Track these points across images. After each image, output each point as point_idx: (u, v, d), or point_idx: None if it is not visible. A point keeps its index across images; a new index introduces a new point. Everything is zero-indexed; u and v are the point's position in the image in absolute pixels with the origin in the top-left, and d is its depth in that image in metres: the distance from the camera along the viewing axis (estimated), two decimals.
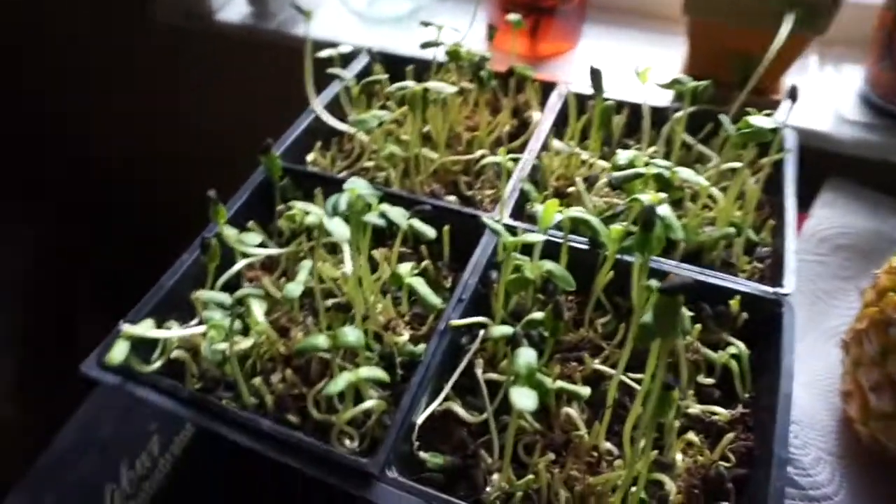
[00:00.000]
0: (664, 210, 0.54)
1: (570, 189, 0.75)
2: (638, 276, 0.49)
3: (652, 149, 0.80)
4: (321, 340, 0.51)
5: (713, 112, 0.81)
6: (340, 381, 0.48)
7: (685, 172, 0.62)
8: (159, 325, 0.62)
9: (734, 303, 0.62)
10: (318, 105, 0.83)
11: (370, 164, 0.79)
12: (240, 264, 0.68)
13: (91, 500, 0.66)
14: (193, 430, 0.73)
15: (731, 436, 0.54)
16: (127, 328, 0.56)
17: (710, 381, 0.60)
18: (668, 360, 0.60)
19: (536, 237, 0.55)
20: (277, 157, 0.74)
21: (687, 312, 0.60)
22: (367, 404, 0.55)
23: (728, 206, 0.69)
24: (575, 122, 0.80)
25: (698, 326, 0.60)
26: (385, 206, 0.58)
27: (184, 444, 0.71)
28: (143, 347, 0.62)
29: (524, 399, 0.44)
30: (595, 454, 0.56)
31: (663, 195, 0.58)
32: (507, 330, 0.56)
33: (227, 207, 0.73)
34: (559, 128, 0.83)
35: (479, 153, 0.77)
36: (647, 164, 0.62)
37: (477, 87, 0.81)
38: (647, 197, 0.58)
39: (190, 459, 0.70)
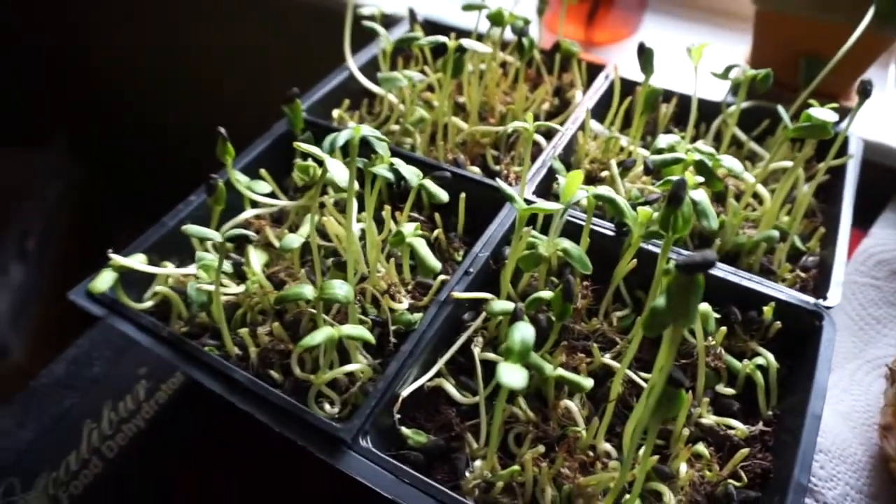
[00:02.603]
0: (699, 196, 0.49)
1: (604, 174, 0.70)
2: (661, 259, 0.44)
3: (699, 142, 0.74)
4: (306, 290, 0.48)
5: (770, 109, 0.75)
6: (319, 335, 0.45)
7: (730, 161, 0.56)
8: (157, 264, 0.60)
9: (768, 310, 0.55)
10: (352, 63, 0.80)
11: (396, 127, 0.76)
12: (247, 213, 0.65)
13: (69, 435, 0.64)
14: (182, 381, 0.71)
15: (745, 451, 0.48)
16: (115, 258, 0.54)
17: (730, 391, 0.54)
18: (685, 361, 0.54)
19: (554, 207, 0.50)
20: (302, 109, 0.72)
21: (713, 314, 0.54)
22: (350, 367, 0.51)
23: (774, 207, 0.63)
24: (618, 105, 0.74)
25: (724, 330, 0.54)
26: (398, 161, 0.54)
27: (170, 394, 0.69)
28: (137, 284, 0.61)
29: (512, 375, 0.40)
30: (591, 454, 0.51)
31: (701, 179, 0.53)
32: (508, 305, 0.51)
33: (242, 155, 0.71)
34: (602, 112, 0.77)
35: (511, 126, 0.72)
36: (688, 152, 0.57)
37: (518, 58, 0.76)
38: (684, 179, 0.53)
39: (174, 409, 0.68)
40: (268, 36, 1.41)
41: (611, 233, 0.62)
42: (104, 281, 0.53)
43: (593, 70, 0.83)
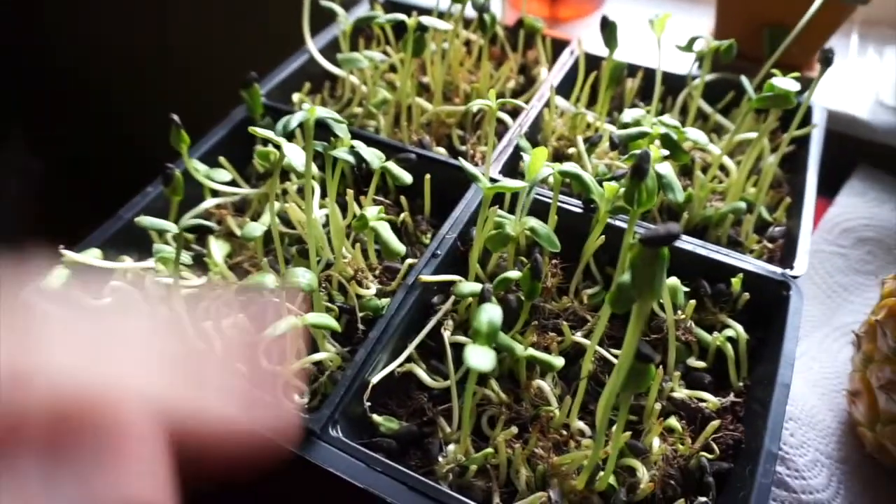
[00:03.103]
0: (665, 169, 0.49)
1: (571, 150, 0.69)
2: (627, 234, 0.43)
3: (665, 116, 0.73)
4: (268, 279, 0.46)
5: (735, 81, 0.74)
6: (283, 324, 0.43)
7: (695, 133, 0.56)
8: (115, 260, 0.58)
9: (736, 281, 0.56)
10: (312, 45, 0.78)
11: (360, 110, 0.74)
12: (207, 202, 0.63)
13: None
14: None
15: (716, 423, 0.48)
16: (67, 254, 0.52)
17: (701, 364, 0.54)
18: (656, 336, 0.54)
19: (518, 185, 0.49)
20: (261, 93, 0.70)
21: (682, 287, 0.54)
22: (317, 356, 0.50)
23: (741, 179, 0.63)
24: (583, 81, 0.74)
25: (693, 303, 0.54)
26: (359, 144, 0.53)
27: None
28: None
29: (480, 357, 0.39)
30: (565, 433, 0.50)
31: (666, 152, 0.52)
32: (475, 287, 0.51)
33: (201, 143, 0.68)
34: (568, 88, 0.76)
35: (474, 104, 0.71)
36: (654, 125, 0.56)
37: (481, 35, 0.75)
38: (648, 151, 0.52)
39: None
40: (225, 20, 1.37)
41: (579, 210, 0.61)
42: (56, 279, 0.51)
43: (558, 46, 0.82)
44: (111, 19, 1.55)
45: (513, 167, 0.67)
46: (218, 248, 0.58)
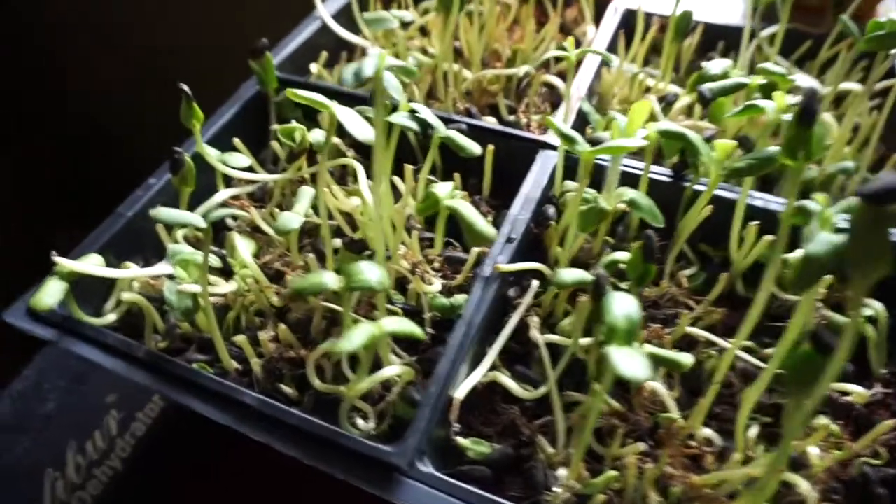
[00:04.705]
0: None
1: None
2: (789, 190, 0.35)
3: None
4: (328, 279, 0.36)
5: (807, 33, 0.66)
6: (358, 336, 0.34)
7: (805, 80, 0.48)
8: (116, 266, 0.48)
9: None
10: (324, 11, 0.68)
11: None
12: (223, 193, 0.53)
13: (27, 489, 0.51)
14: (163, 404, 0.58)
15: (890, 423, 0.40)
16: (62, 262, 0.41)
17: None
18: (778, 323, 0.46)
19: (628, 143, 0.40)
20: (274, 65, 0.60)
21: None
22: (390, 371, 0.40)
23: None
24: (640, 39, 0.65)
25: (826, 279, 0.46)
26: (420, 107, 0.43)
27: (150, 423, 0.57)
28: (93, 294, 0.48)
29: (633, 365, 0.30)
30: (693, 444, 0.41)
31: (792, 100, 0.44)
32: (581, 275, 0.41)
33: (207, 126, 0.58)
34: (615, 48, 0.68)
35: (523, 68, 0.62)
36: (753, 75, 0.48)
37: None
38: (771, 104, 0.44)
39: (157, 441, 0.56)
40: None
41: (666, 178, 0.52)
42: (51, 293, 0.40)
43: (599, 4, 0.73)
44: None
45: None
46: (245, 247, 0.48)
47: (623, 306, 0.33)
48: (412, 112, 0.42)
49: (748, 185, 0.46)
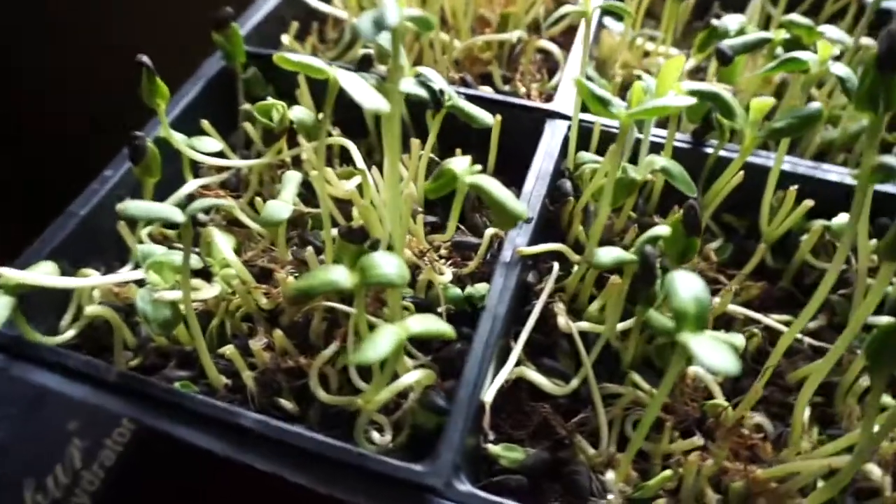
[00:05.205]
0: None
1: (639, 73, 0.56)
2: (868, 149, 0.30)
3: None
4: (339, 276, 0.30)
5: None
6: (383, 342, 0.28)
7: (835, 32, 0.44)
8: (67, 275, 0.40)
9: None
10: None
11: (367, 51, 0.58)
12: (192, 183, 0.46)
13: None
14: (133, 427, 0.52)
15: None
16: (6, 273, 0.34)
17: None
18: (842, 292, 0.42)
19: (670, 103, 0.35)
20: (241, 37, 0.53)
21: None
22: (410, 377, 0.35)
23: None
24: (637, 1, 0.60)
25: (873, 243, 0.42)
26: (427, 71, 0.38)
27: (120, 449, 0.50)
28: (46, 307, 0.41)
29: (718, 356, 0.26)
30: (746, 432, 0.38)
31: (836, 51, 0.40)
32: (620, 254, 0.37)
33: (168, 108, 0.51)
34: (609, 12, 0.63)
35: (515, 33, 0.56)
36: (778, 28, 0.44)
37: None
38: (812, 55, 0.40)
39: (130, 469, 0.49)
40: None
41: (686, 145, 0.48)
42: None
43: None
44: None
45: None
46: (225, 243, 0.41)
47: (690, 287, 0.29)
48: (418, 76, 0.36)
49: (784, 148, 0.42)
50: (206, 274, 0.42)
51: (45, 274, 0.36)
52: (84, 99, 1.01)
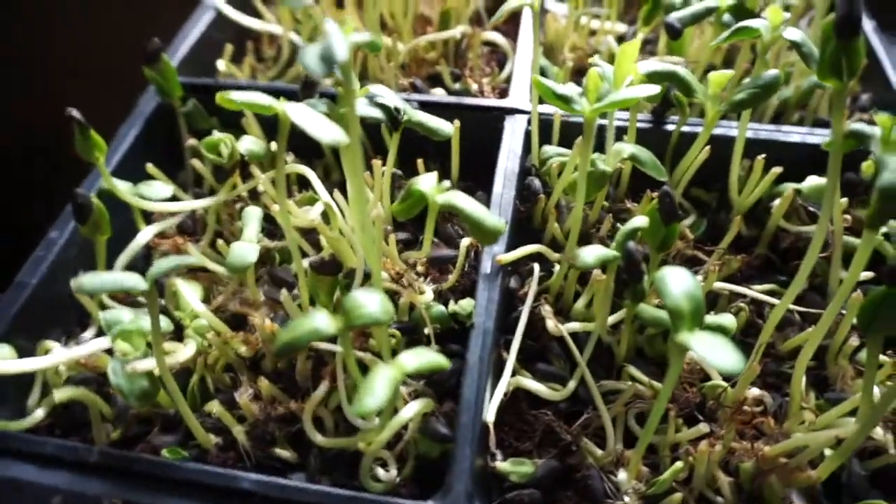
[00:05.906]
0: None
1: (593, 60, 0.55)
2: (836, 114, 0.30)
3: None
4: (321, 323, 0.29)
5: None
6: (381, 388, 0.27)
7: None
8: (27, 352, 0.38)
9: (867, 166, 0.45)
10: None
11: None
12: (146, 231, 0.44)
13: None
14: None
15: None
16: None
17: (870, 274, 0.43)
18: (822, 255, 0.42)
19: (632, 94, 0.35)
20: (174, 69, 0.50)
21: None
22: (410, 410, 0.33)
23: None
24: None
25: (845, 201, 0.42)
26: (380, 89, 0.36)
27: None
28: (7, 388, 0.38)
29: (722, 354, 0.25)
30: (748, 409, 0.38)
31: (787, 15, 0.40)
32: (604, 252, 0.36)
33: (109, 155, 0.48)
34: None
35: (459, 28, 0.55)
36: None
37: None
38: (763, 22, 0.40)
39: None
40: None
41: (646, 125, 0.48)
42: None
43: None
44: None
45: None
46: (192, 293, 0.39)
47: (680, 283, 0.28)
48: (370, 98, 0.35)
49: (746, 118, 0.42)
50: (176, 327, 0.40)
51: (2, 360, 0.33)
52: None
